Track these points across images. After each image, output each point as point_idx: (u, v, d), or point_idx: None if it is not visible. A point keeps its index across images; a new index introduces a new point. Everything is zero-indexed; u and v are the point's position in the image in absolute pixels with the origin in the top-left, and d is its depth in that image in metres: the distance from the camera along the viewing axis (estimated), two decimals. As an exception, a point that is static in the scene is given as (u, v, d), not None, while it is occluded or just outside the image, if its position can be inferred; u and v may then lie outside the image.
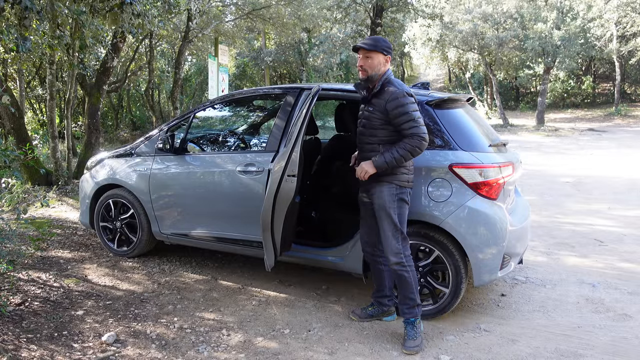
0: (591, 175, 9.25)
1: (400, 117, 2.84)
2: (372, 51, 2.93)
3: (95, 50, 7.77)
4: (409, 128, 2.83)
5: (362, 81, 3.02)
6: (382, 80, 2.94)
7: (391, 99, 2.86)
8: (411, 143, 2.83)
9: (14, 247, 4.04)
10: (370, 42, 2.97)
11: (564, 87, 25.73)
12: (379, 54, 2.94)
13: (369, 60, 2.94)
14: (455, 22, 20.43)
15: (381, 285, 3.26)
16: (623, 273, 4.28)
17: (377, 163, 2.89)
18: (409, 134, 2.83)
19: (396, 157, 2.85)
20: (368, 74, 2.95)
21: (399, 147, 2.85)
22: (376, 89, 2.94)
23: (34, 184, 7.27)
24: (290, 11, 15.42)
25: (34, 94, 13.46)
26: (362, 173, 2.95)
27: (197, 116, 4.44)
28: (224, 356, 2.86)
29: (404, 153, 2.85)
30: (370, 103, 2.98)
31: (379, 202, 2.97)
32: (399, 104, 2.84)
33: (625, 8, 20.34)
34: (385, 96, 2.89)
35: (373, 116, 2.95)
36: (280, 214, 3.15)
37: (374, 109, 2.94)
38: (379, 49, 2.93)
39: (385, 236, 2.96)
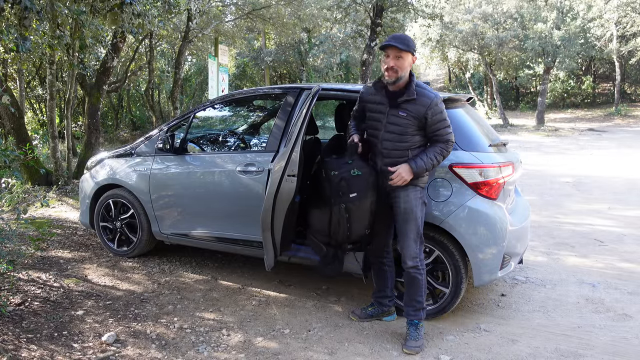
0: (591, 175, 9.25)
1: (438, 123, 2.82)
2: (404, 51, 2.80)
3: (95, 50, 7.78)
4: (446, 134, 2.84)
5: (389, 83, 2.87)
6: (414, 85, 2.85)
7: (432, 106, 2.80)
8: (447, 149, 2.86)
9: (14, 247, 4.04)
10: (402, 41, 2.82)
11: (564, 87, 25.72)
12: (409, 54, 2.83)
13: (401, 60, 2.81)
14: (455, 22, 20.42)
15: (383, 285, 3.25)
16: (623, 273, 4.28)
17: (418, 169, 2.83)
18: (445, 139, 2.84)
19: (434, 163, 2.86)
20: (398, 75, 2.82)
21: (435, 152, 2.85)
22: (410, 94, 2.83)
23: (34, 184, 7.27)
24: (290, 11, 15.41)
25: (34, 94, 13.46)
26: (400, 179, 2.84)
27: (197, 116, 4.44)
28: (224, 356, 2.86)
29: (440, 159, 2.87)
30: (401, 108, 2.85)
31: (406, 206, 2.90)
32: (438, 111, 2.81)
33: (625, 8, 20.33)
34: (425, 102, 2.81)
35: (406, 122, 2.84)
36: (280, 214, 3.15)
37: (408, 115, 2.83)
38: (411, 49, 2.82)
39: (408, 240, 2.91)
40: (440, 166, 3.17)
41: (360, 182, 2.88)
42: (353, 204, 2.88)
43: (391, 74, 2.83)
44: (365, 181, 2.89)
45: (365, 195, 2.88)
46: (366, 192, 2.89)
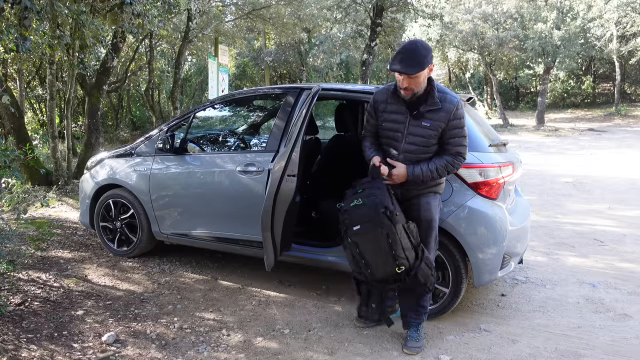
0: (591, 175, 9.25)
1: (454, 130, 2.66)
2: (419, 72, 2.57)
3: (95, 50, 7.77)
4: (458, 145, 2.68)
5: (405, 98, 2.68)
6: (435, 91, 2.65)
7: (454, 111, 2.63)
8: (453, 163, 2.71)
9: (14, 247, 4.05)
10: (412, 64, 2.54)
11: (564, 87, 25.73)
12: (424, 70, 2.59)
13: (415, 79, 2.59)
14: (455, 22, 20.41)
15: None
16: (623, 273, 4.28)
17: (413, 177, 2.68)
18: (455, 151, 2.69)
19: (434, 175, 2.69)
20: (415, 92, 2.64)
21: (439, 165, 2.68)
22: (434, 104, 2.63)
23: (34, 184, 7.27)
24: (290, 11, 15.41)
25: (34, 94, 13.46)
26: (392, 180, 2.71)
27: (197, 116, 4.44)
28: (224, 356, 2.86)
29: (442, 172, 2.69)
30: (425, 117, 2.66)
31: (426, 214, 2.74)
32: (458, 117, 2.65)
33: (625, 8, 20.32)
34: (448, 108, 2.64)
35: (430, 133, 2.67)
36: (280, 214, 3.15)
37: (433, 125, 2.65)
38: (424, 66, 2.56)
39: (428, 248, 2.79)
40: None
41: (362, 212, 2.57)
42: (359, 237, 2.59)
43: (407, 93, 2.65)
44: (368, 210, 2.55)
45: (371, 225, 2.53)
46: (372, 222, 2.53)
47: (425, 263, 2.64)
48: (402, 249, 2.54)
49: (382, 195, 2.58)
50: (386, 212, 2.51)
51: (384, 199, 2.56)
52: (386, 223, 2.50)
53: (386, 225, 2.50)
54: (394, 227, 2.51)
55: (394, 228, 2.51)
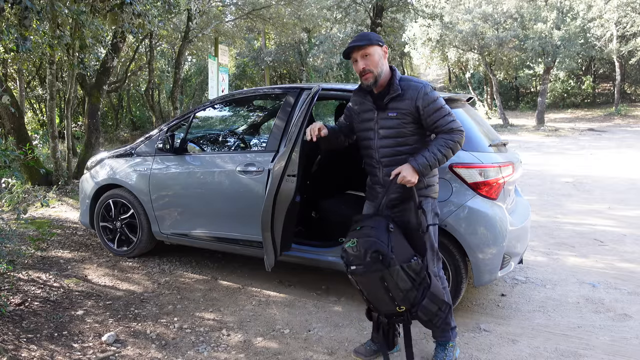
0: (591, 175, 9.25)
1: (435, 113, 2.49)
2: (368, 46, 2.53)
3: (95, 50, 7.77)
4: (447, 123, 2.49)
5: (369, 86, 2.58)
6: (397, 80, 2.55)
7: (422, 96, 2.49)
8: (453, 138, 2.48)
9: (14, 247, 4.04)
10: (362, 37, 2.57)
11: (564, 87, 25.74)
12: (375, 46, 2.54)
13: (369, 57, 2.53)
14: (455, 22, 20.43)
15: None
16: (623, 273, 4.28)
17: (420, 166, 2.46)
18: (448, 129, 2.49)
19: (439, 157, 2.47)
20: (375, 74, 2.53)
21: (438, 145, 2.48)
22: (394, 91, 2.52)
23: (34, 184, 7.27)
24: (290, 11, 15.42)
25: (34, 94, 13.47)
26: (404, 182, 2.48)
27: (197, 116, 4.44)
28: (224, 356, 2.86)
29: (446, 151, 2.48)
30: (389, 108, 2.56)
31: (418, 221, 2.53)
32: (431, 99, 2.49)
33: (625, 8, 20.34)
34: (411, 94, 2.50)
35: (399, 122, 2.54)
36: (280, 214, 3.14)
37: (399, 113, 2.53)
38: (374, 41, 2.54)
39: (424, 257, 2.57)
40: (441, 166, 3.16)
41: (355, 253, 2.39)
42: (356, 277, 2.45)
43: (367, 76, 2.55)
44: (361, 253, 2.37)
45: (364, 269, 2.38)
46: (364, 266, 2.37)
47: (430, 299, 2.43)
48: (400, 290, 2.37)
49: (376, 236, 2.38)
50: (378, 256, 2.33)
51: (377, 241, 2.36)
52: (378, 268, 2.34)
53: (379, 270, 2.34)
54: (387, 270, 2.34)
55: (387, 272, 2.34)
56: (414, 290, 2.41)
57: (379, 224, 2.44)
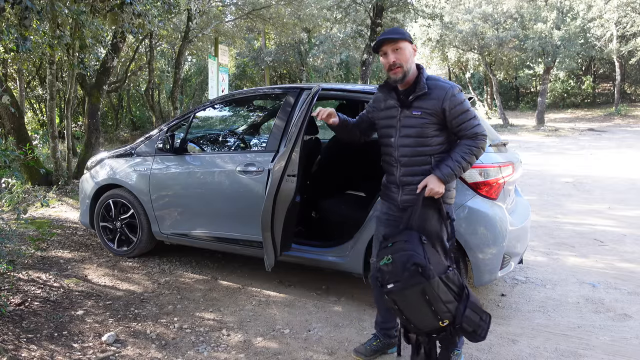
0: (591, 175, 9.25)
1: (460, 115, 2.43)
2: (401, 40, 2.46)
3: (95, 50, 7.77)
4: (471, 127, 2.44)
5: (396, 81, 2.52)
6: (424, 78, 2.50)
7: (449, 97, 2.43)
8: (476, 145, 2.43)
9: (14, 247, 4.04)
10: (395, 31, 2.50)
11: (564, 87, 25.74)
12: (406, 42, 2.48)
13: (400, 52, 2.46)
14: (455, 22, 20.43)
15: (389, 313, 2.81)
16: (623, 273, 4.28)
17: (446, 176, 2.42)
18: (472, 134, 2.44)
19: (463, 165, 2.43)
20: (404, 69, 2.46)
21: (461, 152, 2.43)
22: (421, 89, 2.47)
23: (34, 184, 7.27)
24: (290, 11, 15.41)
25: (34, 94, 13.47)
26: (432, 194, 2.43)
27: (197, 116, 4.44)
28: (224, 356, 2.86)
29: (470, 158, 2.43)
30: (414, 106, 2.49)
31: (429, 227, 2.47)
32: (457, 102, 2.43)
33: (625, 8, 20.34)
34: (438, 94, 2.44)
35: (423, 122, 2.47)
36: (280, 214, 3.14)
37: (423, 113, 2.46)
38: (407, 37, 2.48)
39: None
40: None
41: (393, 269, 2.30)
42: (395, 295, 2.32)
43: (396, 70, 2.47)
44: (398, 269, 2.28)
45: (404, 285, 2.27)
46: (403, 282, 2.27)
47: (472, 309, 2.34)
48: (442, 302, 2.27)
49: (412, 250, 2.31)
50: (417, 269, 2.24)
51: (414, 254, 2.29)
52: (420, 281, 2.24)
53: (420, 283, 2.25)
54: (428, 283, 2.25)
55: (428, 284, 2.25)
56: (455, 302, 2.31)
57: (412, 237, 2.38)
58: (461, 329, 2.33)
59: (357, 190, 4.69)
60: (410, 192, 2.55)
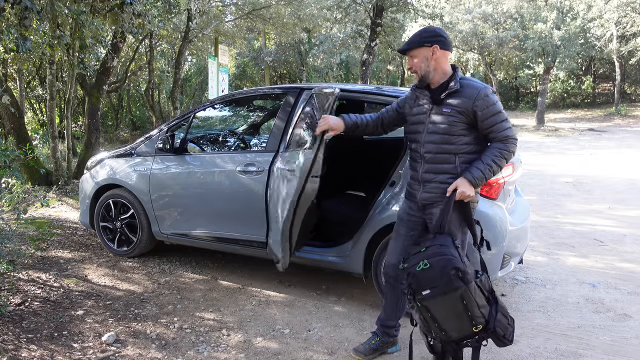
0: (591, 175, 9.25)
1: (491, 117, 2.41)
2: (411, 50, 2.54)
3: (95, 50, 7.77)
4: (503, 130, 2.41)
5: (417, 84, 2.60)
6: (457, 76, 2.50)
7: (480, 97, 2.41)
8: (507, 148, 2.41)
9: (14, 247, 4.04)
10: (408, 41, 2.58)
11: (564, 87, 25.73)
12: (420, 49, 2.51)
13: (414, 60, 2.55)
14: (455, 22, 20.43)
15: (394, 311, 2.83)
16: (623, 273, 4.28)
17: (476, 179, 2.40)
18: (503, 137, 2.41)
19: (494, 169, 2.41)
20: (419, 74, 2.53)
21: (493, 155, 2.41)
22: (453, 86, 2.47)
23: (34, 184, 7.27)
24: (290, 11, 15.41)
25: (34, 94, 13.48)
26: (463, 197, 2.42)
27: (197, 116, 4.44)
28: (224, 356, 2.86)
29: (501, 162, 2.41)
30: (445, 104, 2.49)
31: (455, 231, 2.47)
32: (489, 103, 2.41)
33: (625, 8, 20.34)
34: (470, 94, 2.44)
35: (452, 119, 2.45)
36: (300, 214, 3.15)
37: (453, 110, 2.45)
38: (413, 45, 2.53)
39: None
40: None
41: (430, 275, 2.24)
42: (429, 302, 2.26)
43: (416, 76, 2.56)
44: (438, 274, 2.23)
45: (443, 290, 2.21)
46: (442, 287, 2.21)
47: (502, 313, 2.32)
48: (478, 307, 2.24)
49: (450, 254, 2.27)
50: (457, 273, 2.21)
51: (453, 258, 2.25)
52: (459, 285, 2.20)
53: (460, 288, 2.21)
54: (467, 287, 2.21)
55: (467, 289, 2.21)
56: (488, 306, 2.29)
57: (446, 241, 2.34)
58: (494, 333, 2.29)
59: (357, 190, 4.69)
60: (430, 189, 2.55)
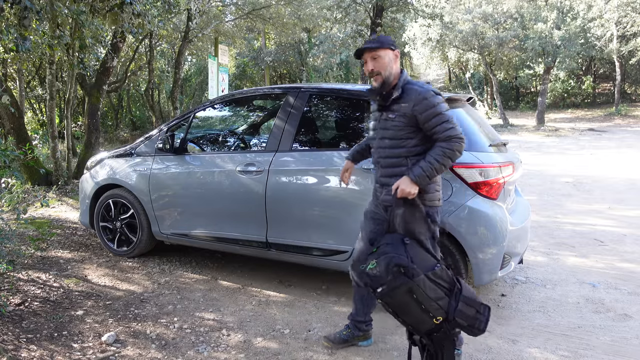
0: (591, 175, 9.25)
1: (432, 119, 2.46)
2: (379, 49, 2.57)
3: (95, 50, 7.77)
4: (444, 130, 2.45)
5: (377, 87, 2.62)
6: (401, 81, 2.57)
7: (420, 100, 2.48)
8: (450, 147, 2.45)
9: (14, 247, 4.04)
10: (374, 40, 2.63)
11: (564, 87, 25.73)
12: (387, 50, 2.58)
13: (379, 60, 2.57)
14: (455, 22, 20.43)
15: (362, 308, 2.93)
16: (623, 273, 4.28)
17: (417, 178, 2.45)
18: (445, 137, 2.45)
19: (436, 167, 2.45)
20: (383, 76, 2.57)
21: (435, 154, 2.46)
22: (397, 92, 2.55)
23: (34, 184, 7.27)
24: (290, 11, 15.42)
25: (34, 94, 13.47)
26: (405, 195, 2.47)
27: (197, 116, 4.44)
28: (224, 356, 2.86)
29: (444, 160, 2.45)
30: (390, 109, 2.58)
31: (406, 227, 2.49)
32: (429, 105, 2.47)
33: (625, 8, 20.33)
34: (411, 98, 2.51)
35: (397, 124, 2.55)
36: None
37: (397, 115, 2.54)
38: (385, 45, 2.58)
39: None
40: None
41: (378, 273, 2.34)
42: (385, 299, 2.35)
43: (376, 77, 2.59)
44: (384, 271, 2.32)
45: (390, 286, 2.30)
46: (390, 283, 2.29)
47: (465, 303, 2.34)
48: (432, 299, 2.30)
49: (394, 251, 2.36)
50: (400, 269, 2.29)
51: (396, 255, 2.33)
52: (404, 281, 2.28)
53: (405, 283, 2.28)
54: (413, 282, 2.28)
55: (414, 283, 2.28)
56: (446, 297, 2.33)
57: (393, 239, 2.44)
58: (456, 324, 2.34)
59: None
60: (388, 192, 2.63)
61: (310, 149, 3.83)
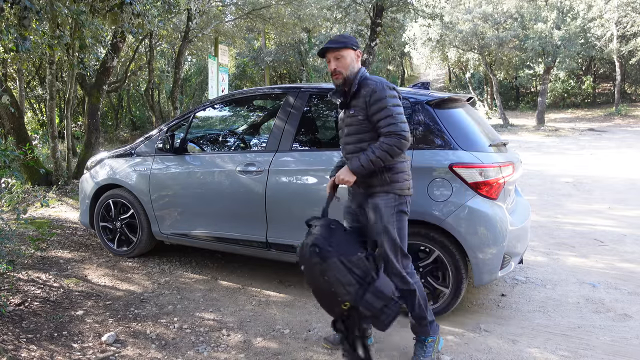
0: (591, 175, 9.24)
1: (378, 112, 2.53)
2: (342, 49, 2.62)
3: (95, 50, 7.77)
4: (386, 125, 2.51)
5: (338, 86, 2.69)
6: (358, 78, 2.63)
7: (370, 93, 2.55)
8: (388, 142, 2.49)
9: (14, 247, 4.05)
10: (337, 40, 2.67)
11: (564, 87, 25.73)
12: (349, 50, 2.63)
13: (341, 60, 2.63)
14: (455, 22, 20.42)
15: None
16: (623, 273, 4.28)
17: (353, 167, 2.56)
18: (386, 131, 2.51)
19: (373, 160, 2.50)
20: (344, 76, 2.63)
21: (374, 146, 2.52)
22: (354, 87, 2.62)
23: (34, 184, 7.27)
24: (290, 11, 15.41)
25: (34, 94, 13.47)
26: (343, 182, 2.61)
27: (197, 116, 4.44)
28: (223, 356, 2.86)
29: (380, 154, 2.50)
30: (350, 106, 2.66)
31: (374, 216, 2.60)
32: (377, 98, 2.53)
33: (626, 8, 20.33)
34: (365, 92, 2.58)
35: (357, 119, 2.62)
36: None
37: (356, 112, 2.62)
38: (348, 45, 2.64)
39: (385, 256, 2.61)
40: (441, 166, 3.16)
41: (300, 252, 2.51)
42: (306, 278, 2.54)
43: (337, 76, 2.64)
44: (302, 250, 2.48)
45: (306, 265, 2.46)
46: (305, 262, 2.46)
47: (374, 294, 2.38)
48: (342, 284, 2.36)
49: (317, 232, 2.47)
50: (315, 249, 2.39)
51: (317, 236, 2.45)
52: (315, 261, 2.39)
53: (317, 263, 2.39)
54: (325, 264, 2.37)
55: (326, 265, 2.37)
56: (356, 285, 2.38)
57: (322, 222, 2.56)
58: (359, 313, 2.40)
59: None
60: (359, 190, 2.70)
61: (310, 149, 3.83)
